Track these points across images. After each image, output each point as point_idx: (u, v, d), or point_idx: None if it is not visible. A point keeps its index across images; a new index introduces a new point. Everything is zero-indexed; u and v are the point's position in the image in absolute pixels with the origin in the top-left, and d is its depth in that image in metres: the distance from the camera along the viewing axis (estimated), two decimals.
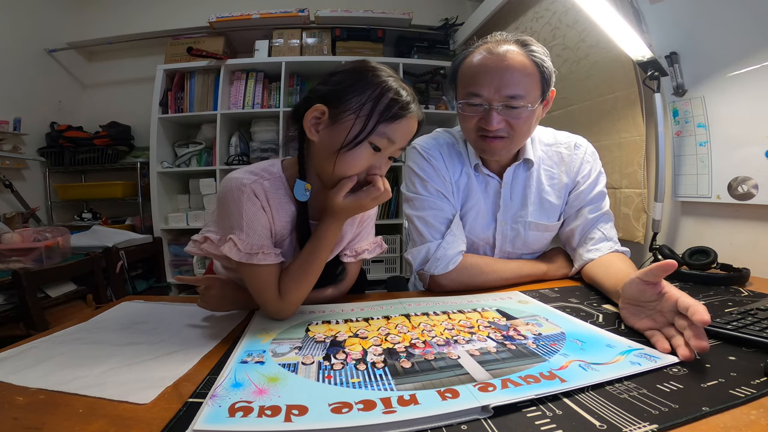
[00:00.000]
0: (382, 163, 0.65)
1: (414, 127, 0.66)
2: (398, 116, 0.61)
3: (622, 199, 1.35)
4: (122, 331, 0.62)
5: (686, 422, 0.35)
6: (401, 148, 0.66)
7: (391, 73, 0.65)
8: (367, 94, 0.61)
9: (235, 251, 0.62)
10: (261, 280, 0.64)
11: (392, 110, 0.61)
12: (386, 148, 0.63)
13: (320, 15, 2.50)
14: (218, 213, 0.68)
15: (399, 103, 0.61)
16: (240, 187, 0.64)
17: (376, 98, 0.61)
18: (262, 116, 2.55)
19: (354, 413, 0.37)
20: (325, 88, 0.65)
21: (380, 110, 0.61)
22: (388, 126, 0.61)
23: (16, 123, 2.33)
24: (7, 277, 1.40)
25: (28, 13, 2.44)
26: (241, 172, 0.68)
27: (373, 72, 0.63)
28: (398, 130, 0.63)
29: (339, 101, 0.62)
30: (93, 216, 2.66)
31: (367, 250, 0.80)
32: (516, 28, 1.94)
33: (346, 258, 0.78)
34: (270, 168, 0.70)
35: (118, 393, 0.42)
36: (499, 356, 0.49)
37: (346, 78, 0.64)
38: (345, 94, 0.62)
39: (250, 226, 0.64)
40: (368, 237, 0.83)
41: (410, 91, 0.65)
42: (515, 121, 0.80)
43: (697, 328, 0.47)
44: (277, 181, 0.69)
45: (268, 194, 0.67)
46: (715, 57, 1.03)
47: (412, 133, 0.66)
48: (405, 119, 0.62)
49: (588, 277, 0.83)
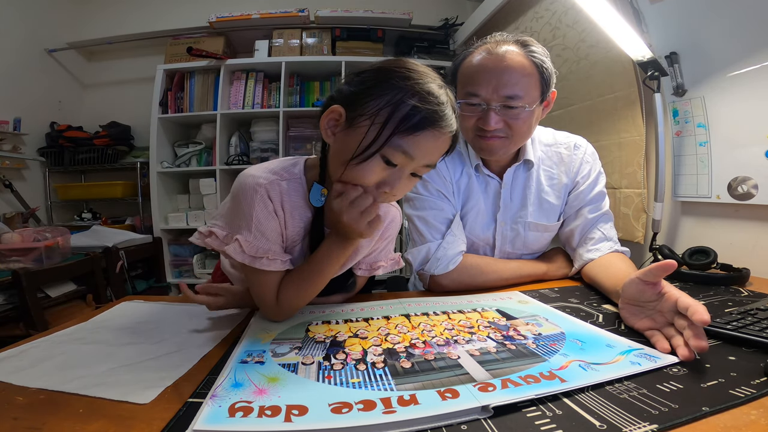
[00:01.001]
0: (396, 181, 0.56)
1: (444, 144, 0.56)
2: (419, 128, 0.52)
3: (622, 199, 1.35)
4: (122, 331, 0.62)
5: (686, 422, 0.35)
6: (428, 165, 0.57)
7: (424, 75, 0.55)
8: (386, 98, 0.52)
9: (240, 253, 0.60)
10: (262, 284, 0.62)
11: (412, 120, 0.51)
12: (404, 163, 0.55)
13: (320, 15, 2.50)
14: (229, 208, 0.65)
15: (422, 112, 0.51)
16: (255, 187, 0.60)
17: (395, 104, 0.52)
18: (262, 116, 2.55)
19: (354, 413, 0.37)
20: (347, 89, 0.57)
21: (398, 119, 0.51)
22: (405, 138, 0.52)
23: (16, 123, 2.33)
24: (7, 277, 1.40)
25: (28, 13, 2.43)
26: (260, 170, 0.63)
27: (400, 73, 0.54)
28: (418, 145, 0.53)
29: (357, 103, 0.55)
30: (93, 216, 2.66)
31: (383, 266, 0.76)
32: (516, 28, 1.94)
33: (359, 272, 0.75)
34: (291, 168, 0.65)
35: (118, 393, 0.42)
36: (499, 356, 0.49)
37: (370, 78, 0.56)
38: (364, 96, 0.54)
39: (259, 229, 0.61)
40: (387, 253, 0.78)
41: (447, 99, 0.54)
42: (513, 122, 0.80)
43: (697, 328, 0.47)
44: (296, 183, 0.64)
45: (283, 196, 0.62)
46: (715, 57, 1.03)
47: (441, 150, 0.56)
48: (428, 132, 0.53)
49: (588, 277, 0.83)
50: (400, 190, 0.59)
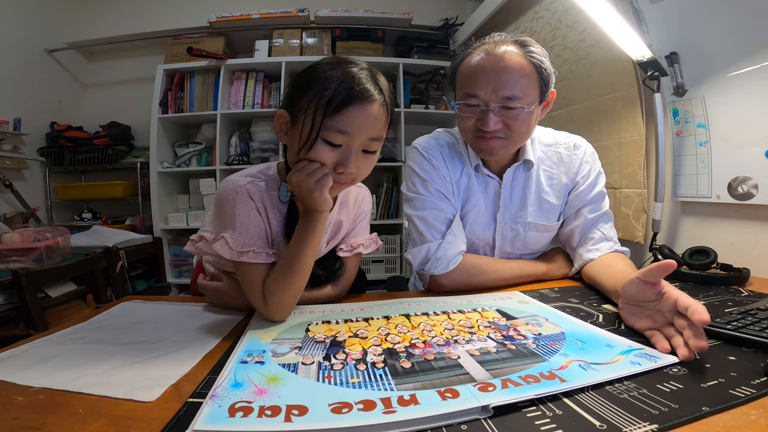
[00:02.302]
0: (347, 160, 0.61)
1: (374, 112, 0.60)
2: (343, 105, 0.58)
3: (622, 199, 1.35)
4: (122, 331, 0.62)
5: (686, 422, 0.35)
6: (373, 138, 0.62)
7: (343, 63, 0.62)
8: (313, 91, 0.59)
9: (227, 249, 0.63)
10: (250, 279, 0.65)
11: (336, 101, 0.58)
12: (346, 142, 0.60)
13: (320, 15, 2.50)
14: (214, 214, 0.70)
15: (343, 92, 0.58)
16: (235, 189, 0.66)
17: (319, 92, 0.59)
18: (262, 116, 2.55)
19: (354, 413, 0.37)
20: (286, 93, 0.66)
21: (323, 104, 0.58)
22: (335, 118, 0.58)
23: (16, 123, 2.33)
24: (7, 277, 1.40)
25: (28, 13, 2.43)
26: (238, 175, 0.69)
27: (320, 68, 0.61)
28: (350, 121, 0.59)
29: (294, 103, 0.62)
30: (93, 216, 2.66)
31: (362, 244, 0.80)
32: (516, 28, 1.94)
33: (341, 252, 0.78)
34: (266, 170, 0.72)
35: (122, 391, 0.42)
36: (499, 356, 0.49)
37: (300, 79, 0.63)
38: (298, 95, 0.62)
39: (243, 226, 0.65)
40: (363, 233, 0.83)
41: (367, 74, 0.61)
42: (512, 122, 0.80)
43: (697, 328, 0.47)
44: (273, 182, 0.70)
45: (263, 195, 0.68)
46: (715, 57, 1.03)
47: (378, 120, 0.61)
48: (354, 107, 0.58)
49: (588, 277, 0.83)
50: (358, 168, 0.63)
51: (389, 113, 0.64)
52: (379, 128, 0.62)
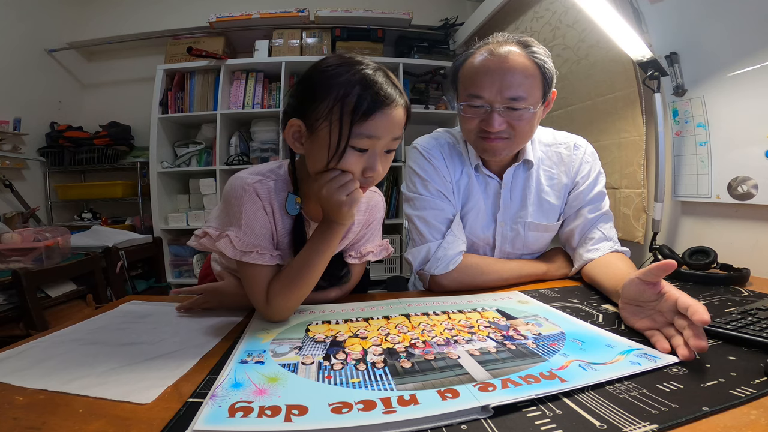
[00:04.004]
0: (374, 162, 0.60)
1: (398, 115, 0.59)
2: (370, 112, 0.56)
3: (621, 199, 1.35)
4: (122, 331, 0.62)
5: (686, 422, 0.35)
6: (395, 138, 0.61)
7: (353, 64, 0.59)
8: (332, 97, 0.57)
9: (230, 248, 0.63)
10: (253, 279, 0.64)
11: (361, 108, 0.56)
12: (372, 145, 0.59)
13: (320, 15, 2.50)
14: (221, 210, 0.69)
15: (368, 98, 0.56)
16: (244, 186, 0.65)
17: (341, 99, 0.56)
18: (262, 116, 2.55)
19: (354, 413, 0.37)
20: (294, 101, 0.63)
21: (349, 111, 0.56)
22: (363, 125, 0.57)
23: (16, 123, 2.33)
24: (7, 277, 1.40)
25: (28, 13, 2.43)
26: (247, 173, 0.67)
27: (329, 70, 0.59)
28: (377, 126, 0.57)
29: (309, 111, 0.59)
30: (93, 216, 2.66)
31: (372, 252, 0.79)
32: (516, 28, 1.94)
33: (350, 259, 0.77)
34: (277, 170, 0.70)
35: (119, 393, 0.42)
36: (499, 356, 0.49)
37: (309, 84, 0.60)
38: (311, 102, 0.59)
39: (248, 225, 0.64)
40: (374, 239, 0.81)
41: (383, 76, 0.59)
42: (517, 123, 0.80)
43: (697, 327, 0.47)
44: (282, 182, 0.68)
45: (271, 194, 0.67)
46: (715, 57, 1.03)
47: (399, 122, 0.60)
48: (380, 113, 0.57)
49: (588, 277, 0.83)
50: (383, 169, 0.63)
51: (408, 112, 0.63)
52: (400, 128, 0.61)
